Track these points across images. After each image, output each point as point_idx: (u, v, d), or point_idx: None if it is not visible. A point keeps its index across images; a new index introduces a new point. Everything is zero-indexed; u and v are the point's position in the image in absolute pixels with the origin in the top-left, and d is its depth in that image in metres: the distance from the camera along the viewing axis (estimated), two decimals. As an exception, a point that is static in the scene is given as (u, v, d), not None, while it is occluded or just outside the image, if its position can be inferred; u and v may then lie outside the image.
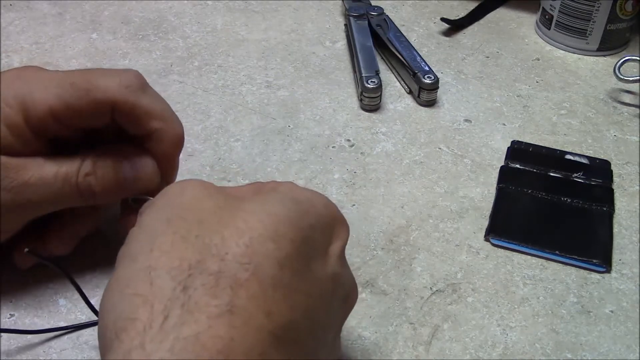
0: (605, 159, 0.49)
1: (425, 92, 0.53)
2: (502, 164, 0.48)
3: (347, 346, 0.36)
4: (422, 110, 0.54)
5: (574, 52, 0.60)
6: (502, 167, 0.48)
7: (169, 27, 0.62)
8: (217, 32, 0.62)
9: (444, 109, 0.54)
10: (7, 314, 0.37)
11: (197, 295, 0.24)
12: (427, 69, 0.54)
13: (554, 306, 0.39)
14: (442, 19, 0.63)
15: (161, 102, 0.37)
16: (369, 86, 0.52)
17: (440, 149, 0.50)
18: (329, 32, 0.62)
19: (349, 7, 0.61)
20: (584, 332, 0.37)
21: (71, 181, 0.35)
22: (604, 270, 0.41)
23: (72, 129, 0.36)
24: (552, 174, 0.47)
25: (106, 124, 0.36)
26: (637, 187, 0.47)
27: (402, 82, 0.56)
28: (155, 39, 0.60)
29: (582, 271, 0.41)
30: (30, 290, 0.39)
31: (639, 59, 0.54)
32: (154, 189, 0.37)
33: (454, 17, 0.64)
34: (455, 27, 0.63)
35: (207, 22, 0.63)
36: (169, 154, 0.37)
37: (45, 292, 0.39)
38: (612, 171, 0.48)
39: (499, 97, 0.55)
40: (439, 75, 0.54)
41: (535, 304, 0.39)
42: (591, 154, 0.49)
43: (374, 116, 0.53)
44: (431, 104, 0.54)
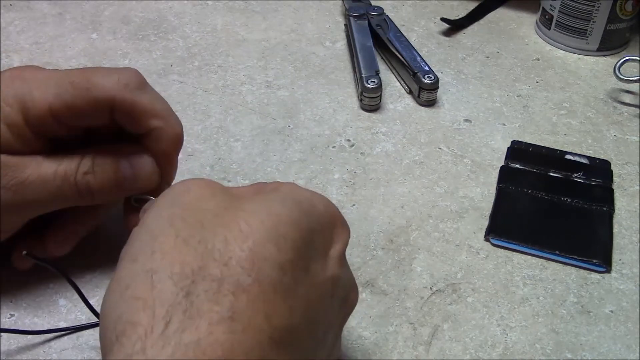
0: (605, 159, 0.49)
1: (425, 92, 0.53)
2: (502, 164, 0.48)
3: (347, 346, 0.36)
4: (422, 110, 0.54)
5: (574, 52, 0.60)
6: (502, 167, 0.48)
7: (169, 27, 0.62)
8: (217, 32, 0.62)
9: (444, 109, 0.54)
10: (7, 314, 0.37)
11: (199, 301, 0.24)
12: (427, 69, 0.54)
13: (554, 306, 0.39)
14: (442, 19, 0.63)
15: (160, 101, 0.37)
16: (369, 86, 0.52)
17: (440, 149, 0.50)
18: (329, 32, 0.62)
19: (349, 7, 0.61)
20: (584, 332, 0.37)
21: (70, 180, 0.35)
22: (604, 270, 0.41)
23: (72, 128, 0.36)
24: (552, 174, 0.47)
25: (105, 123, 0.36)
26: (637, 187, 0.47)
27: (402, 82, 0.56)
28: (155, 39, 0.60)
29: (582, 271, 0.41)
30: (30, 290, 0.39)
31: (639, 59, 0.54)
32: (154, 188, 0.37)
33: (454, 17, 0.64)
34: (455, 27, 0.63)
35: (207, 22, 0.63)
36: (168, 153, 0.37)
37: (45, 292, 0.39)
38: (612, 171, 0.48)
39: (499, 97, 0.55)
40: (439, 75, 0.54)
41: (535, 304, 0.39)
42: (591, 154, 0.49)
43: (374, 116, 0.53)
44: (431, 104, 0.54)
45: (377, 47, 0.58)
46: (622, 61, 0.54)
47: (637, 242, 0.43)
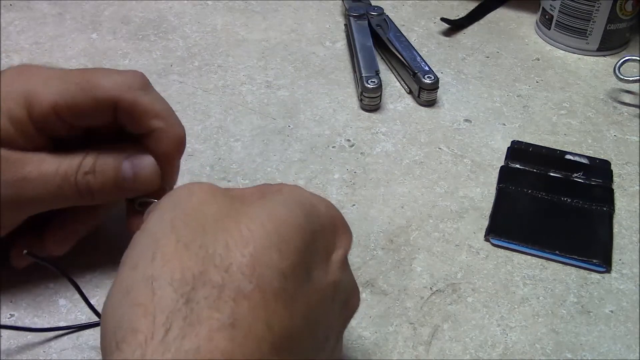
0: (605, 159, 0.49)
1: (425, 92, 0.53)
2: (502, 164, 0.48)
3: (347, 346, 0.36)
4: (422, 110, 0.54)
5: (574, 52, 0.60)
6: (502, 167, 0.48)
7: (169, 27, 0.62)
8: (217, 32, 0.62)
9: (444, 109, 0.54)
10: (7, 314, 0.37)
11: (200, 308, 0.24)
12: (427, 69, 0.54)
13: (554, 306, 0.39)
14: (442, 19, 0.63)
15: (163, 103, 0.37)
16: (369, 86, 0.52)
17: (440, 149, 0.50)
18: (329, 32, 0.62)
19: (349, 7, 0.61)
20: (584, 332, 0.37)
21: (70, 179, 0.35)
22: (604, 270, 0.41)
23: (74, 127, 0.36)
24: (552, 174, 0.47)
25: (108, 123, 0.37)
26: (637, 187, 0.47)
27: (402, 82, 0.56)
28: (155, 39, 0.60)
29: (582, 271, 0.41)
30: (30, 290, 0.39)
31: (639, 59, 0.54)
32: (155, 190, 0.37)
33: (454, 17, 0.64)
34: (455, 27, 0.63)
35: (207, 22, 0.63)
36: (169, 154, 0.37)
37: (45, 292, 0.39)
38: (612, 171, 0.48)
39: (499, 97, 0.55)
40: (439, 75, 0.54)
41: (535, 304, 0.39)
42: (591, 154, 0.49)
43: (374, 116, 0.53)
44: (431, 104, 0.54)
45: (377, 47, 0.58)
46: (622, 61, 0.54)
47: (637, 242, 0.43)
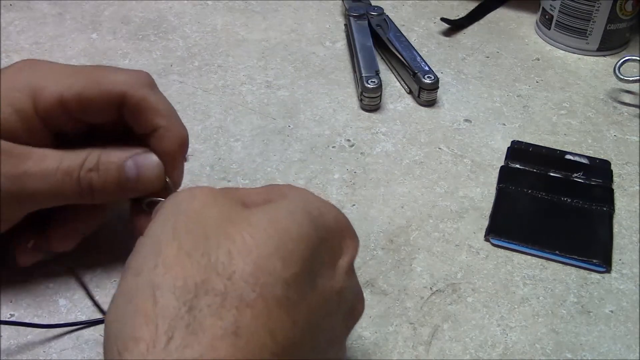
0: (605, 159, 0.49)
1: (425, 92, 0.53)
2: (502, 164, 0.48)
3: (347, 346, 0.36)
4: (422, 110, 0.54)
5: (574, 52, 0.60)
6: (502, 167, 0.48)
7: (169, 27, 0.62)
8: (217, 32, 0.62)
9: (444, 109, 0.54)
10: (7, 314, 0.37)
11: (202, 316, 0.24)
12: (427, 69, 0.54)
13: (554, 306, 0.39)
14: (442, 19, 0.63)
15: (167, 103, 0.37)
16: (369, 86, 0.52)
17: (440, 149, 0.50)
18: (329, 32, 0.62)
19: (349, 7, 0.61)
20: (584, 332, 0.37)
21: (72, 175, 0.34)
22: (604, 270, 0.41)
23: (79, 123, 0.36)
24: (552, 174, 0.47)
25: (111, 121, 0.37)
26: (637, 187, 0.47)
27: (402, 82, 0.56)
28: (155, 39, 0.60)
29: (582, 271, 0.41)
30: (30, 290, 0.39)
31: (639, 59, 0.54)
32: (159, 190, 0.37)
33: (454, 17, 0.64)
34: (455, 27, 0.63)
35: (207, 22, 0.63)
36: (172, 153, 0.37)
37: (45, 292, 0.39)
38: (612, 171, 0.48)
39: (499, 97, 0.55)
40: (439, 75, 0.54)
41: (535, 304, 0.39)
42: (591, 154, 0.49)
43: (374, 116, 0.53)
44: (431, 104, 0.54)
45: (377, 47, 0.58)
46: (622, 61, 0.54)
47: (637, 242, 0.43)
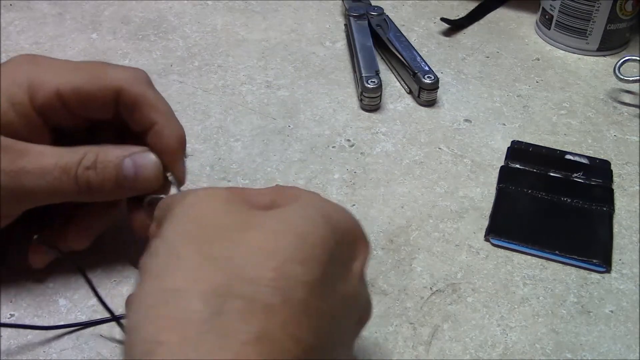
0: (605, 159, 0.49)
1: (425, 92, 0.53)
2: (502, 164, 0.48)
3: (347, 346, 0.36)
4: (422, 110, 0.54)
5: (574, 52, 0.60)
6: (502, 167, 0.48)
7: (169, 27, 0.62)
8: (217, 32, 0.62)
9: (444, 109, 0.54)
10: (7, 314, 0.37)
11: (229, 320, 0.24)
12: (427, 69, 0.54)
13: (554, 306, 0.39)
14: (442, 19, 0.63)
15: (164, 101, 0.38)
16: (369, 86, 0.52)
17: (440, 149, 0.50)
18: (329, 32, 0.62)
19: (349, 7, 0.61)
20: (584, 332, 0.37)
21: (70, 173, 0.34)
22: (604, 270, 0.41)
23: (77, 118, 0.36)
24: (552, 174, 0.47)
25: (109, 117, 0.37)
26: (637, 187, 0.47)
27: (402, 82, 0.56)
28: (155, 39, 0.60)
29: (582, 271, 0.41)
30: (30, 290, 0.39)
31: (639, 59, 0.54)
32: (158, 188, 0.37)
33: (454, 17, 0.64)
34: (455, 27, 0.63)
35: (207, 22, 0.63)
36: (171, 149, 0.37)
37: (45, 292, 0.39)
38: (612, 171, 0.48)
39: (499, 97, 0.55)
40: (439, 75, 0.54)
41: (535, 304, 0.39)
42: (591, 154, 0.49)
43: (374, 116, 0.53)
44: (431, 104, 0.54)
45: (377, 47, 0.58)
46: (622, 61, 0.54)
47: (637, 242, 0.43)
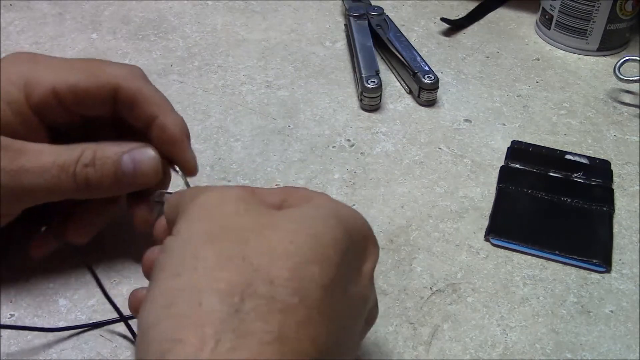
0: (605, 159, 0.49)
1: (425, 92, 0.53)
2: (502, 164, 0.48)
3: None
4: (422, 110, 0.54)
5: (574, 52, 0.60)
6: (502, 167, 0.48)
7: (169, 27, 0.62)
8: (217, 32, 0.62)
9: (444, 109, 0.54)
10: (7, 314, 0.37)
11: (250, 320, 0.24)
12: (427, 69, 0.54)
13: (554, 306, 0.39)
14: (442, 19, 0.63)
15: (161, 94, 0.38)
16: (369, 86, 0.52)
17: (440, 149, 0.50)
18: (329, 32, 0.62)
19: (349, 7, 0.61)
20: (584, 332, 0.37)
21: (68, 171, 0.34)
22: (604, 270, 0.41)
23: (74, 116, 0.36)
24: (552, 174, 0.47)
25: (107, 113, 0.37)
26: (637, 187, 0.47)
27: (402, 82, 0.56)
28: (155, 39, 0.60)
29: (582, 271, 0.41)
30: (30, 290, 0.39)
31: (639, 59, 0.54)
32: (157, 184, 0.37)
33: (454, 17, 0.64)
34: (455, 27, 0.63)
35: (207, 22, 0.63)
36: (176, 139, 0.37)
37: (45, 292, 0.39)
38: (612, 171, 0.48)
39: (499, 97, 0.55)
40: (439, 75, 0.54)
41: (535, 304, 0.39)
42: (591, 154, 0.49)
43: (374, 116, 0.53)
44: (431, 104, 0.54)
45: (377, 47, 0.58)
46: (622, 61, 0.54)
47: (637, 242, 0.43)
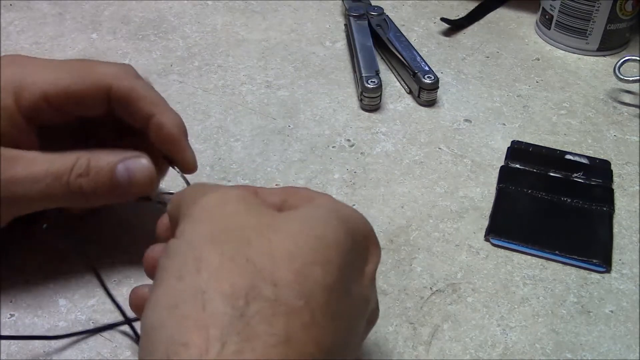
0: (605, 159, 0.49)
1: (425, 92, 0.53)
2: (502, 164, 0.48)
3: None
4: (422, 110, 0.54)
5: (574, 52, 0.60)
6: (502, 167, 0.48)
7: (169, 27, 0.62)
8: (217, 32, 0.62)
9: (444, 109, 0.54)
10: (7, 314, 0.37)
11: (255, 322, 0.24)
12: (427, 69, 0.54)
13: (554, 306, 0.39)
14: (442, 19, 0.63)
15: (156, 92, 0.37)
16: (369, 86, 0.52)
17: (440, 149, 0.50)
18: (329, 32, 0.62)
19: (349, 7, 0.61)
20: (584, 332, 0.37)
21: (62, 180, 0.34)
22: (604, 270, 0.41)
23: (67, 117, 0.36)
24: (552, 174, 0.47)
25: (101, 114, 0.36)
26: (637, 187, 0.47)
27: (402, 82, 0.56)
28: (155, 39, 0.60)
29: (582, 271, 0.41)
30: (30, 290, 0.39)
31: (639, 59, 0.54)
32: (150, 192, 0.37)
33: (454, 17, 0.64)
34: (455, 27, 0.63)
35: (207, 22, 0.63)
36: (175, 137, 0.37)
37: (45, 292, 0.39)
38: (612, 171, 0.48)
39: (499, 97, 0.55)
40: (439, 75, 0.54)
41: (535, 304, 0.39)
42: (591, 154, 0.49)
43: (374, 116, 0.53)
44: (431, 104, 0.54)
45: (377, 47, 0.58)
46: (622, 61, 0.54)
47: (637, 242, 0.43)
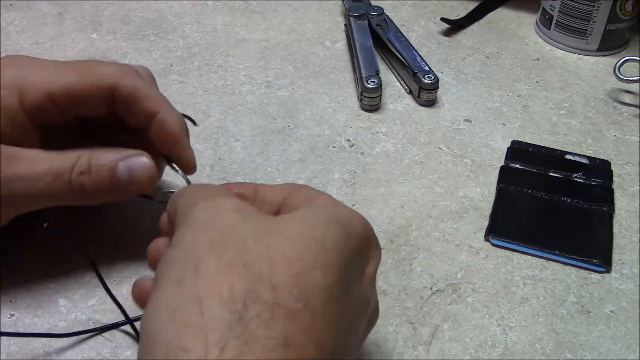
0: (605, 159, 0.49)
1: (425, 92, 0.53)
2: (502, 164, 0.48)
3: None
4: (422, 110, 0.54)
5: (574, 52, 0.60)
6: (502, 167, 0.48)
7: (169, 27, 0.62)
8: (217, 32, 0.62)
9: (444, 109, 0.54)
10: (7, 314, 0.37)
11: (253, 326, 0.24)
12: (427, 69, 0.54)
13: (554, 306, 0.39)
14: (442, 19, 0.63)
15: (159, 91, 0.37)
16: (369, 86, 0.52)
17: (440, 149, 0.50)
18: (329, 32, 0.62)
19: (349, 7, 0.61)
20: (584, 332, 0.37)
21: (63, 178, 0.34)
22: (604, 270, 0.41)
23: (70, 116, 0.36)
24: (552, 174, 0.47)
25: (104, 114, 0.36)
26: (637, 187, 0.47)
27: (402, 82, 0.56)
28: (155, 39, 0.60)
29: (582, 271, 0.41)
30: (30, 290, 0.39)
31: (639, 59, 0.54)
32: (151, 190, 0.37)
33: (454, 17, 0.64)
34: (455, 27, 0.63)
35: (207, 22, 0.63)
36: (177, 137, 0.37)
37: (45, 292, 0.39)
38: (612, 171, 0.48)
39: (499, 97, 0.55)
40: (439, 75, 0.54)
41: (535, 304, 0.39)
42: (591, 154, 0.49)
43: (374, 116, 0.53)
44: (431, 104, 0.54)
45: (377, 47, 0.58)
46: (622, 61, 0.54)
47: (637, 242, 0.43)
